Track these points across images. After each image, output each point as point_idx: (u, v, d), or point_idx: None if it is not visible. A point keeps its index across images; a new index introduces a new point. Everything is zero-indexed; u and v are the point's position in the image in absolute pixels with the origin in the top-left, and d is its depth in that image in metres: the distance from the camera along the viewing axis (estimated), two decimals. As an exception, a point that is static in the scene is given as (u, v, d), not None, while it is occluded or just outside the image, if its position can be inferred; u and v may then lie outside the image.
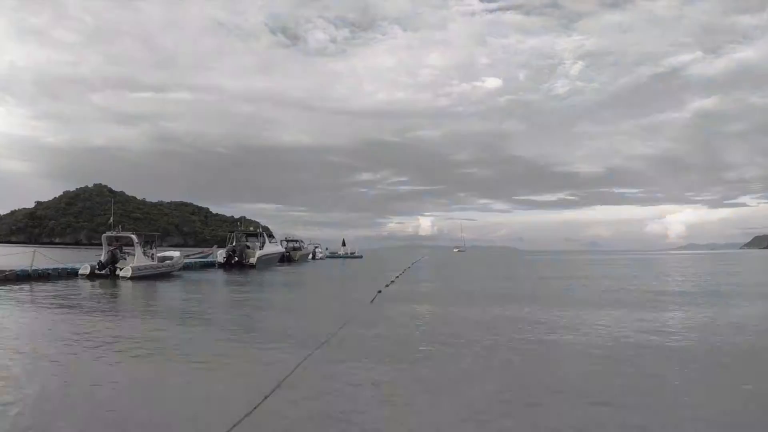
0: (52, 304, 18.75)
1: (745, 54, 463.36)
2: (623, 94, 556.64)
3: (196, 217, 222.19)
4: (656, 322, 14.95)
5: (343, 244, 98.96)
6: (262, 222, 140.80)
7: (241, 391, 7.68)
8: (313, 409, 6.91)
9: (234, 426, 5.94)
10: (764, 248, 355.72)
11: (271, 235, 58.53)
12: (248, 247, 48.60)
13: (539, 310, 17.77)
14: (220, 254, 46.94)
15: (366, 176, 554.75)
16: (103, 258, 32.04)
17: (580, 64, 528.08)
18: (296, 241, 70.55)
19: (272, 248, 53.66)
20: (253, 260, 46.13)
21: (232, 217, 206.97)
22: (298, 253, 65.40)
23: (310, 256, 74.04)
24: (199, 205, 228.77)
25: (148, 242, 34.86)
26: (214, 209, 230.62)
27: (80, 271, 31.24)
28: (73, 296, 21.55)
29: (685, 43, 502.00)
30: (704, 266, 57.63)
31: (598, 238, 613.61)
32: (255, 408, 6.60)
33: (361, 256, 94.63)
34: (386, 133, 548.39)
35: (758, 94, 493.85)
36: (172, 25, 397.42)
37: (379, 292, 22.86)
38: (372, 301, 19.97)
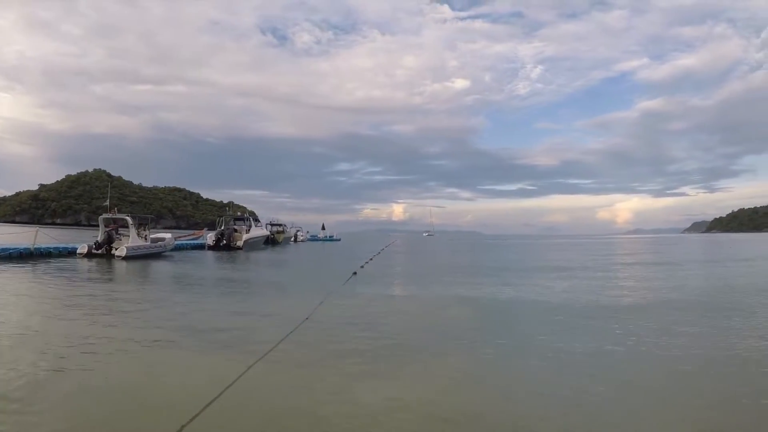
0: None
1: (687, 61, 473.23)
2: (578, 96, 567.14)
3: (188, 202, 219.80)
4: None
5: (323, 228, 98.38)
6: (249, 207, 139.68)
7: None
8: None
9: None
10: (702, 232, 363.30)
11: (257, 220, 57.79)
12: (236, 231, 47.91)
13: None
14: (210, 237, 46.31)
15: (344, 166, 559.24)
16: (99, 238, 31.55)
17: (540, 68, 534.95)
18: (280, 225, 69.75)
19: (258, 232, 52.83)
20: (240, 243, 45.56)
21: (222, 202, 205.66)
22: (282, 236, 64.92)
23: (293, 239, 73.84)
24: (191, 190, 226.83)
25: (142, 224, 34.31)
26: (204, 194, 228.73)
27: (78, 251, 30.71)
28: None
29: (633, 51, 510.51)
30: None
31: (554, 224, 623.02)
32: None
33: (339, 239, 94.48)
34: (364, 127, 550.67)
35: (698, 97, 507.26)
36: (171, 22, 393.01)
37: (354, 273, 22.81)
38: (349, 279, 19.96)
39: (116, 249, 30.36)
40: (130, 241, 31.32)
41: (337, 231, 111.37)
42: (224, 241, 45.28)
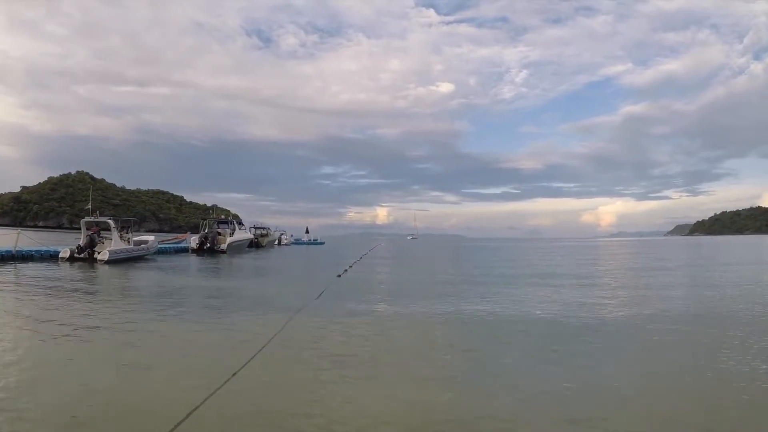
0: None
1: (671, 66, 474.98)
2: (562, 100, 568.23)
3: (172, 205, 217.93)
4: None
5: (307, 231, 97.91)
6: (233, 210, 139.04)
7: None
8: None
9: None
10: (685, 235, 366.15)
11: (240, 223, 57.54)
12: (219, 234, 47.77)
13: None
14: (193, 240, 46.06)
15: (329, 169, 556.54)
16: (81, 242, 31.24)
17: (524, 73, 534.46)
18: (264, 228, 69.71)
19: (242, 235, 52.82)
20: (224, 246, 45.34)
21: (205, 205, 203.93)
22: (266, 240, 64.83)
23: (277, 242, 73.74)
24: (175, 193, 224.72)
25: (124, 227, 34.01)
26: (188, 197, 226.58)
27: (60, 254, 30.39)
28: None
29: (617, 56, 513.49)
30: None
31: (538, 227, 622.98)
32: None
33: (323, 243, 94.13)
34: (348, 130, 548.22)
35: (681, 102, 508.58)
36: (156, 24, 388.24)
37: (338, 276, 22.76)
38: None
39: (99, 253, 30.07)
40: (112, 244, 30.98)
41: (321, 234, 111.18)
42: (208, 245, 45.09)
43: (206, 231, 48.20)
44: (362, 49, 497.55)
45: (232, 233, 49.54)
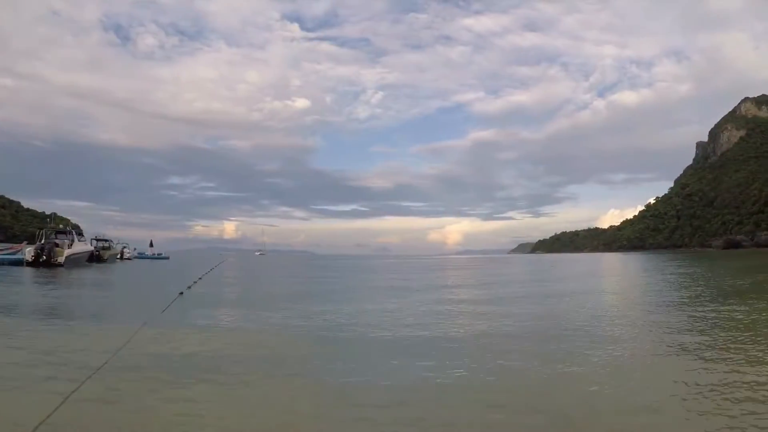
0: None
1: (520, 98, 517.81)
2: (415, 122, 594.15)
3: (7, 211, 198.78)
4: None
5: (151, 245, 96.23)
6: (74, 219, 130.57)
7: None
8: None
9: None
10: (527, 252, 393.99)
11: (80, 234, 56.12)
12: (57, 246, 45.81)
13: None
14: (29, 252, 44.49)
15: (177, 180, 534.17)
16: None
17: (380, 94, 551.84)
18: (106, 240, 68.18)
19: (81, 247, 51.53)
20: (61, 259, 44.16)
21: (44, 212, 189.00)
22: (107, 253, 63.24)
23: (119, 256, 72.06)
24: (10, 198, 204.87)
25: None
26: (25, 203, 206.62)
27: None
28: None
29: (471, 84, 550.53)
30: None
31: (387, 245, 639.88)
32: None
33: (167, 257, 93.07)
34: (199, 140, 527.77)
35: (528, 130, 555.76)
36: (8, 6, 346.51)
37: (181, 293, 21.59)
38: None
39: None
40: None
41: (166, 248, 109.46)
42: (44, 257, 43.57)
43: (43, 242, 46.34)
44: (221, 57, 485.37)
45: (71, 245, 47.94)
